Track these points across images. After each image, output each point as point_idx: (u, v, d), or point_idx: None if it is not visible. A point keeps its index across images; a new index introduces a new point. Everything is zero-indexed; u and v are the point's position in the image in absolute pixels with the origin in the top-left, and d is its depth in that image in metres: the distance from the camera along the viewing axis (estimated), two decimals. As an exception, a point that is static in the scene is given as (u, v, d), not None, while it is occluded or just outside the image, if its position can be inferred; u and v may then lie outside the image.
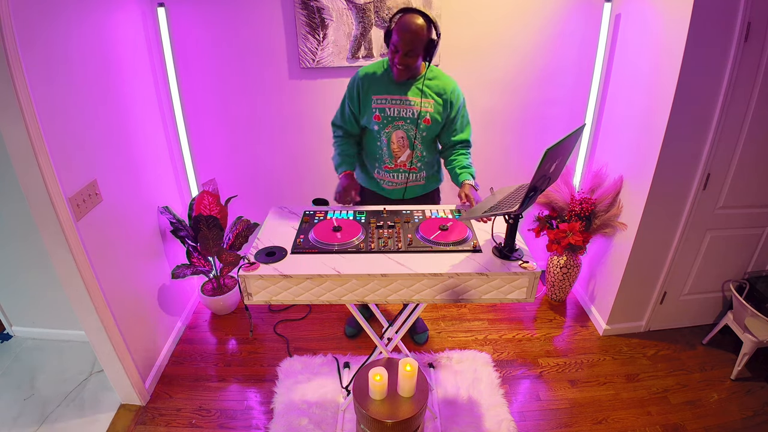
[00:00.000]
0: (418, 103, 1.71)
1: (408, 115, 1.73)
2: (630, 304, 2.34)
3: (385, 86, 1.72)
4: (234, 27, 2.14)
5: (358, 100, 1.75)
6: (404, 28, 1.54)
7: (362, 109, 1.76)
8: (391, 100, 1.72)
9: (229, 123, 2.38)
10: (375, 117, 1.74)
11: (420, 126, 1.75)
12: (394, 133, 1.76)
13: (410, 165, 1.83)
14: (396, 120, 1.74)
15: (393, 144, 1.78)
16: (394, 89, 1.72)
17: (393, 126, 1.75)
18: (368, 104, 1.74)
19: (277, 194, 2.58)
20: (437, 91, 1.73)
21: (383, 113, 1.73)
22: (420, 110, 1.72)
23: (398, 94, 1.72)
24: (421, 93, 1.71)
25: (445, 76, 1.76)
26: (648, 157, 1.98)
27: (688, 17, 1.68)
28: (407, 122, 1.74)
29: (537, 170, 1.16)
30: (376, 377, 1.40)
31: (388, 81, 1.72)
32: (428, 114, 1.73)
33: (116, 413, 1.96)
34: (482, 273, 1.30)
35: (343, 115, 1.83)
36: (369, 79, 1.73)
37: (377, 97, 1.72)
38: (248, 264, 1.34)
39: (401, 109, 1.73)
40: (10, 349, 2.36)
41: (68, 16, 1.57)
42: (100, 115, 1.76)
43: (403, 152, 1.80)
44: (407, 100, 1.71)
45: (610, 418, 1.94)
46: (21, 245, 2.10)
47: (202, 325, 2.51)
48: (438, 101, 1.73)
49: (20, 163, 1.42)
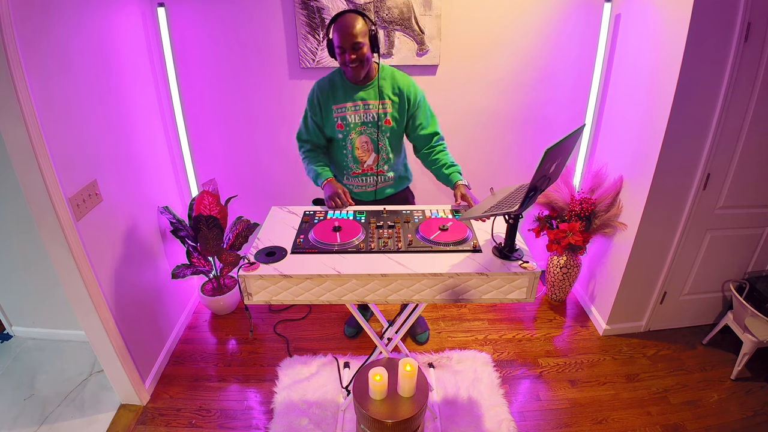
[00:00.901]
0: (377, 106, 1.73)
1: (369, 119, 1.75)
2: (630, 304, 2.34)
3: (342, 94, 1.73)
4: (234, 27, 2.14)
5: (320, 112, 1.76)
6: (341, 26, 1.57)
7: (324, 119, 1.77)
8: (352, 107, 1.73)
9: (230, 123, 2.38)
10: (338, 126, 1.76)
11: (382, 128, 1.76)
12: (357, 139, 1.77)
13: (377, 168, 1.84)
14: (358, 126, 1.76)
15: (357, 150, 1.79)
16: (351, 96, 1.73)
17: (356, 132, 1.76)
18: (329, 114, 1.75)
19: (277, 194, 2.58)
20: (393, 90, 1.74)
21: (344, 121, 1.75)
22: (379, 112, 1.73)
23: (356, 100, 1.73)
24: (378, 94, 1.73)
25: (399, 73, 1.77)
26: (648, 157, 1.98)
27: (688, 17, 1.68)
28: (369, 126, 1.76)
29: (537, 170, 1.16)
30: (376, 377, 1.41)
31: (344, 88, 1.73)
32: (388, 115, 1.75)
33: (116, 413, 1.96)
34: (482, 273, 1.30)
35: (307, 129, 1.83)
36: (326, 89, 1.74)
37: (337, 106, 1.74)
38: (248, 264, 1.34)
39: (362, 114, 1.74)
40: (10, 349, 2.36)
41: (68, 16, 1.57)
42: (100, 115, 1.76)
43: (368, 156, 1.81)
44: (366, 104, 1.73)
45: (610, 418, 1.94)
46: (21, 245, 2.10)
47: (202, 325, 2.51)
48: (395, 100, 1.75)
49: (20, 163, 1.42)
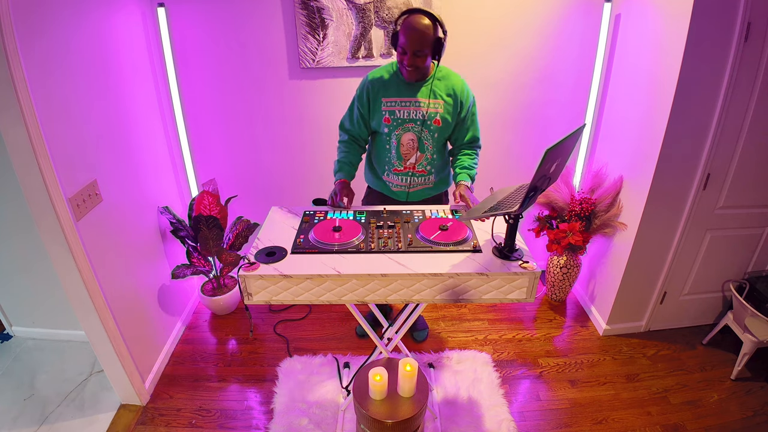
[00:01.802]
0: (428, 104, 1.70)
1: (418, 117, 1.72)
2: (630, 304, 2.34)
3: (394, 89, 1.71)
4: (234, 27, 2.14)
5: (368, 104, 1.74)
6: (410, 28, 1.54)
7: (372, 112, 1.75)
8: (401, 102, 1.71)
9: (230, 123, 2.39)
10: (385, 119, 1.73)
11: (431, 127, 1.74)
12: (403, 135, 1.75)
13: (419, 167, 1.82)
14: (406, 122, 1.73)
15: (402, 146, 1.77)
16: (403, 91, 1.71)
17: (403, 128, 1.74)
18: (378, 107, 1.73)
19: (277, 194, 2.58)
20: (447, 92, 1.71)
21: (393, 116, 1.72)
22: (429, 111, 1.71)
23: (408, 96, 1.70)
24: (430, 94, 1.70)
25: (454, 75, 1.74)
26: (648, 157, 1.98)
27: (688, 17, 1.68)
28: (417, 124, 1.73)
29: (537, 170, 1.16)
30: (376, 377, 1.40)
31: (397, 83, 1.71)
32: (438, 115, 1.72)
33: (116, 413, 1.96)
34: (482, 273, 1.30)
35: (351, 119, 1.81)
36: (378, 82, 1.72)
37: (387, 99, 1.71)
38: (248, 264, 1.34)
39: (411, 111, 1.71)
40: (10, 349, 2.36)
41: (68, 16, 1.57)
42: (100, 115, 1.76)
43: (412, 154, 1.79)
44: (417, 101, 1.70)
45: (610, 418, 1.94)
46: (21, 245, 2.10)
47: (202, 325, 2.51)
48: (448, 101, 1.72)
49: (20, 163, 1.42)
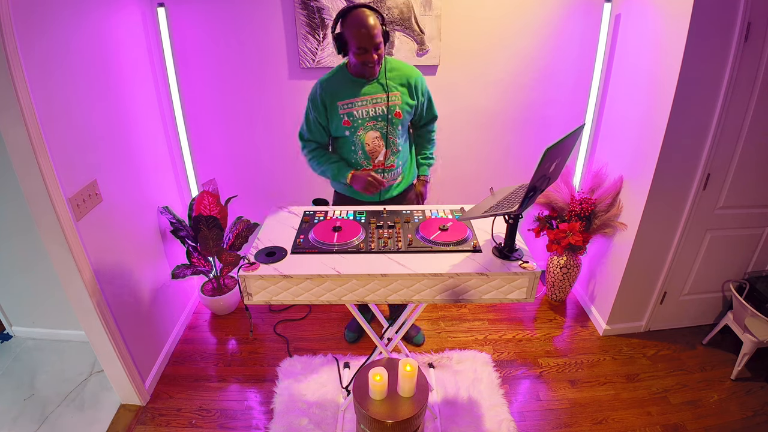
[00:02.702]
0: (385, 99, 1.69)
1: (378, 113, 1.71)
2: (630, 304, 2.34)
3: (347, 90, 1.69)
4: (234, 27, 2.14)
5: (325, 110, 1.72)
6: (360, 26, 1.54)
7: (330, 118, 1.73)
8: (358, 102, 1.70)
9: (230, 123, 2.38)
10: (344, 122, 1.71)
11: (392, 121, 1.73)
12: (366, 135, 1.74)
13: (388, 163, 1.80)
14: (366, 121, 1.72)
15: (368, 146, 1.76)
16: (357, 90, 1.69)
17: (364, 128, 1.73)
18: (335, 111, 1.71)
19: (277, 194, 2.58)
20: (401, 82, 1.71)
21: (351, 117, 1.71)
22: (388, 105, 1.70)
23: (363, 95, 1.69)
24: (385, 87, 1.69)
25: (405, 65, 1.75)
26: (648, 157, 1.98)
27: (688, 17, 1.68)
28: (378, 120, 1.72)
29: (537, 170, 1.16)
30: (376, 377, 1.41)
31: (348, 84, 1.69)
32: (397, 107, 1.72)
33: (116, 413, 1.96)
34: (482, 273, 1.30)
35: (309, 129, 1.78)
36: (330, 87, 1.70)
37: (342, 102, 1.70)
38: (248, 264, 1.34)
39: (369, 109, 1.70)
40: (10, 349, 2.36)
41: (68, 16, 1.57)
42: (100, 115, 1.76)
43: (379, 152, 1.77)
44: (374, 98, 1.69)
45: (610, 418, 1.94)
46: (21, 245, 2.10)
47: (202, 325, 2.51)
48: (404, 91, 1.72)
49: (20, 163, 1.42)
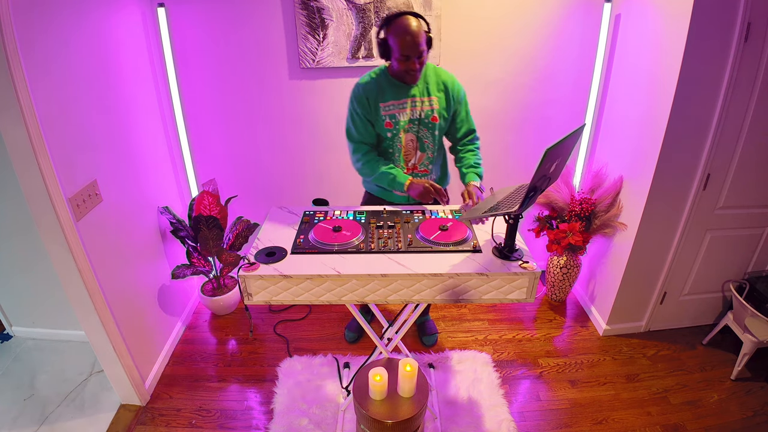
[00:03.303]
0: (423, 103, 1.72)
1: (416, 117, 1.73)
2: (630, 304, 2.34)
3: (388, 92, 1.70)
4: (234, 27, 2.14)
5: (371, 108, 1.71)
6: (407, 33, 1.53)
7: (375, 117, 1.73)
8: (399, 104, 1.71)
9: (229, 123, 2.38)
10: (386, 124, 1.72)
11: (429, 125, 1.75)
12: (404, 137, 1.76)
13: (420, 167, 1.82)
14: (406, 123, 1.73)
15: (404, 148, 1.77)
16: (397, 94, 1.71)
17: (404, 130, 1.74)
18: (378, 112, 1.72)
19: (277, 194, 2.58)
20: (438, 87, 1.73)
21: (393, 119, 1.72)
22: (426, 109, 1.72)
23: (403, 98, 1.71)
24: (424, 92, 1.72)
25: (443, 71, 1.76)
26: (648, 157, 1.98)
27: (688, 17, 1.68)
28: (416, 124, 1.74)
29: (537, 170, 1.16)
30: (376, 377, 1.40)
31: (388, 87, 1.71)
32: (435, 111, 1.73)
33: (116, 413, 1.96)
34: (482, 273, 1.30)
35: (357, 128, 1.75)
36: (372, 88, 1.71)
37: (384, 104, 1.71)
38: (248, 264, 1.34)
39: (408, 112, 1.72)
40: (10, 349, 2.36)
41: (68, 16, 1.57)
42: (100, 115, 1.76)
43: (413, 155, 1.79)
44: (413, 101, 1.71)
45: (610, 418, 1.94)
46: (21, 245, 2.10)
47: (202, 326, 2.51)
48: (441, 96, 1.74)
49: (20, 163, 1.42)
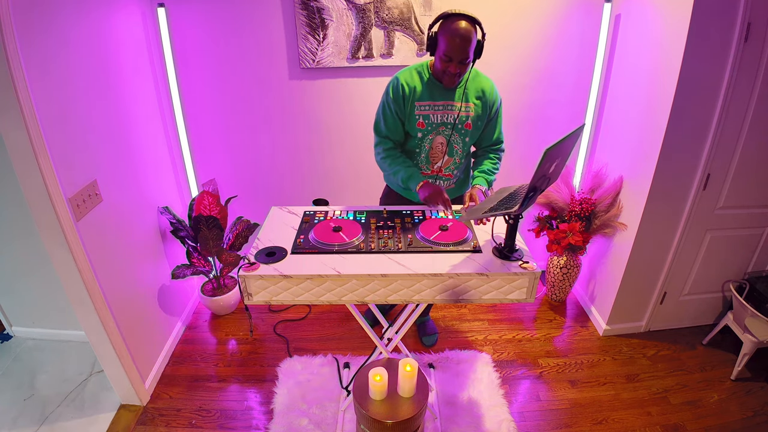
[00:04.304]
0: (460, 108, 1.67)
1: (450, 121, 1.69)
2: (630, 304, 2.34)
3: (427, 92, 1.66)
4: (234, 27, 2.14)
5: (404, 105, 1.67)
6: (457, 35, 1.46)
7: (408, 115, 1.69)
8: (434, 106, 1.67)
9: (229, 123, 2.39)
10: (419, 124, 1.68)
11: (461, 131, 1.71)
12: (435, 139, 1.72)
13: (446, 171, 1.79)
14: (439, 126, 1.69)
15: (432, 150, 1.74)
16: (436, 95, 1.66)
17: (435, 132, 1.71)
18: (412, 111, 1.67)
19: (277, 194, 2.58)
20: (477, 94, 1.68)
21: (427, 120, 1.68)
22: (461, 115, 1.68)
23: (441, 100, 1.66)
24: (463, 97, 1.66)
25: (483, 76, 1.70)
26: (648, 157, 1.98)
27: (688, 17, 1.68)
28: (448, 128, 1.70)
29: (537, 170, 1.16)
30: (376, 377, 1.40)
31: (430, 86, 1.66)
32: (469, 118, 1.69)
33: (116, 413, 1.96)
34: (482, 273, 1.30)
35: (387, 124, 1.71)
36: (411, 85, 1.66)
37: (420, 103, 1.66)
38: (248, 264, 1.34)
39: (444, 115, 1.68)
40: (10, 349, 2.36)
41: (68, 16, 1.57)
42: (100, 115, 1.76)
43: (440, 158, 1.76)
44: (450, 105, 1.67)
45: (610, 418, 1.94)
46: (21, 246, 2.10)
47: (202, 326, 2.51)
48: (477, 104, 1.69)
49: (20, 164, 1.42)
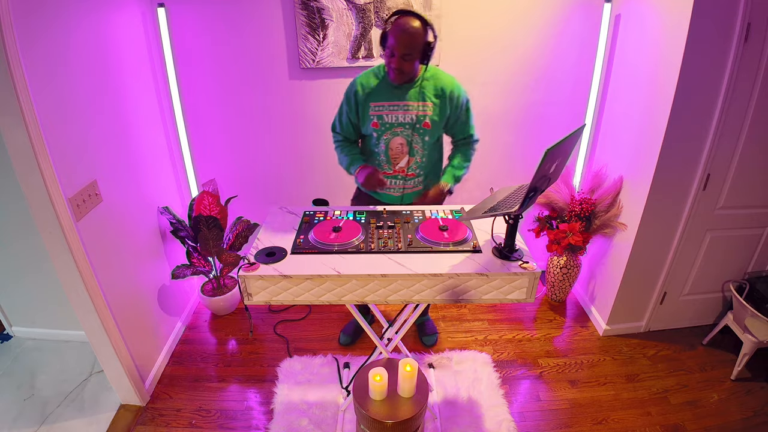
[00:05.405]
0: (417, 107, 1.69)
1: (407, 121, 1.70)
2: (630, 304, 2.34)
3: (382, 92, 1.69)
4: (234, 27, 2.14)
5: (356, 108, 1.72)
6: (401, 30, 1.52)
7: (361, 117, 1.74)
8: (389, 106, 1.69)
9: (229, 123, 2.39)
10: (373, 124, 1.72)
11: (420, 131, 1.72)
12: (393, 140, 1.74)
13: (409, 171, 1.80)
14: (394, 126, 1.71)
15: (392, 150, 1.76)
16: (391, 95, 1.69)
17: (391, 132, 1.73)
18: (366, 112, 1.71)
19: (277, 194, 2.58)
20: (435, 93, 1.70)
21: (381, 120, 1.71)
22: (419, 114, 1.69)
23: (396, 100, 1.69)
24: (419, 96, 1.68)
25: (444, 75, 1.72)
26: (648, 157, 1.98)
27: (688, 17, 1.68)
28: (406, 128, 1.71)
29: (537, 170, 1.16)
30: (376, 378, 1.40)
31: (385, 87, 1.69)
32: (427, 117, 1.70)
33: (116, 413, 1.96)
34: (482, 273, 1.30)
35: (341, 124, 1.81)
36: (366, 86, 1.70)
37: (375, 104, 1.70)
38: (248, 264, 1.34)
39: (399, 115, 1.70)
40: (10, 349, 2.36)
41: (68, 16, 1.57)
42: (100, 115, 1.76)
43: (401, 158, 1.77)
44: (406, 105, 1.69)
45: (610, 418, 1.94)
46: (21, 246, 2.10)
47: (202, 326, 2.51)
48: (436, 102, 1.70)
49: (21, 164, 1.42)
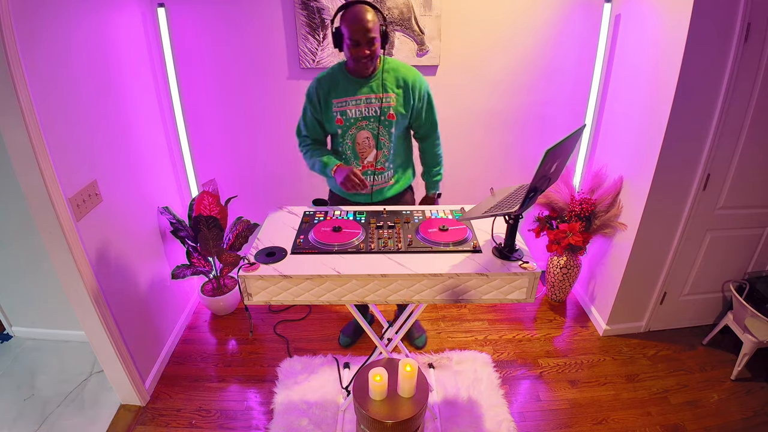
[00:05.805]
0: (379, 100, 1.68)
1: (371, 114, 1.69)
2: (630, 304, 2.34)
3: (343, 88, 1.68)
4: (234, 27, 2.14)
5: (320, 106, 1.72)
6: (354, 18, 1.52)
7: (324, 115, 1.73)
8: (352, 101, 1.68)
9: (229, 123, 2.38)
10: (337, 121, 1.71)
11: (385, 123, 1.71)
12: (358, 134, 1.73)
13: (378, 165, 1.79)
14: (359, 120, 1.71)
15: (358, 145, 1.75)
16: (352, 90, 1.68)
17: (356, 127, 1.72)
18: (329, 108, 1.70)
19: (277, 194, 2.58)
20: (397, 84, 1.69)
21: (344, 116, 1.70)
22: (382, 106, 1.68)
23: (358, 94, 1.68)
24: (381, 88, 1.67)
25: (404, 66, 1.72)
26: (648, 157, 1.98)
27: (688, 17, 1.68)
28: (371, 121, 1.70)
29: (537, 171, 1.16)
30: (376, 378, 1.41)
31: (345, 82, 1.68)
32: (391, 108, 1.69)
33: (116, 413, 1.96)
34: (482, 273, 1.30)
35: (306, 125, 1.79)
36: (327, 83, 1.69)
37: (337, 100, 1.69)
38: (248, 264, 1.34)
39: (363, 109, 1.69)
40: (10, 349, 2.36)
41: (68, 16, 1.57)
42: (100, 115, 1.76)
43: (369, 153, 1.76)
44: (368, 98, 1.68)
45: (610, 418, 1.94)
46: (21, 246, 2.10)
47: (202, 326, 2.51)
48: (399, 93, 1.69)
49: (21, 164, 1.42)
